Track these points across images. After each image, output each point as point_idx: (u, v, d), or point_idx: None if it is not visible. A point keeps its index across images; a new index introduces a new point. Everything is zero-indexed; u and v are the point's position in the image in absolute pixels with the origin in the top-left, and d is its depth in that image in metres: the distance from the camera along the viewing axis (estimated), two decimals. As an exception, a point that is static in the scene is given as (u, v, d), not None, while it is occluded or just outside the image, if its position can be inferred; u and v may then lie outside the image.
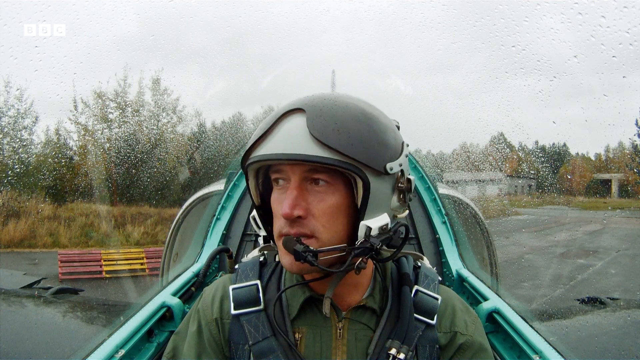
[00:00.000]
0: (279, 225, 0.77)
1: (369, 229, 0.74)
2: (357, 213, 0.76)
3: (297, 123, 0.73)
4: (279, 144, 0.73)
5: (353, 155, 0.71)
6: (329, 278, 0.79)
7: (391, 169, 0.76)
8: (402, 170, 0.79)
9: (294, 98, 0.79)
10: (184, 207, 3.36)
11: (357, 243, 0.74)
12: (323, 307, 0.79)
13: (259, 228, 0.88)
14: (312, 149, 0.71)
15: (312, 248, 0.73)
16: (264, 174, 0.85)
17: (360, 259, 0.74)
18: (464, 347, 0.86)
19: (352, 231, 0.76)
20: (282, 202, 0.75)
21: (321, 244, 0.74)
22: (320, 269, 0.73)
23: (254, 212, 0.88)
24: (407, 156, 0.81)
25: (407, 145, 0.83)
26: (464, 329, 0.87)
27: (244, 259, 0.98)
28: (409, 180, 0.81)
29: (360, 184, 0.73)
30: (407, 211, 0.86)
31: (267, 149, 0.74)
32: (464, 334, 0.86)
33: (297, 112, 0.75)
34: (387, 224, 0.76)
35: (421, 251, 2.19)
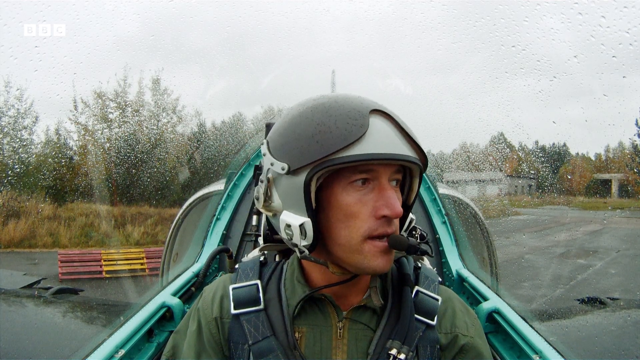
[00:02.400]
0: (367, 227, 0.73)
1: (412, 219, 0.87)
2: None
3: (386, 125, 0.74)
4: (387, 144, 0.72)
5: (426, 154, 0.78)
6: (350, 282, 0.81)
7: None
8: None
9: (338, 99, 0.75)
10: (184, 207, 3.35)
11: (416, 233, 0.91)
12: (372, 297, 0.84)
13: (303, 238, 0.74)
14: (409, 150, 0.75)
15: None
16: (319, 177, 0.76)
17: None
18: (466, 348, 0.86)
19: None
20: (367, 203, 0.74)
21: None
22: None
23: (306, 221, 0.73)
24: None
25: None
26: (465, 330, 0.87)
27: (244, 259, 0.98)
28: None
29: (418, 180, 0.81)
30: None
31: (375, 148, 0.71)
32: (465, 335, 0.87)
33: (373, 114, 0.74)
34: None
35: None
